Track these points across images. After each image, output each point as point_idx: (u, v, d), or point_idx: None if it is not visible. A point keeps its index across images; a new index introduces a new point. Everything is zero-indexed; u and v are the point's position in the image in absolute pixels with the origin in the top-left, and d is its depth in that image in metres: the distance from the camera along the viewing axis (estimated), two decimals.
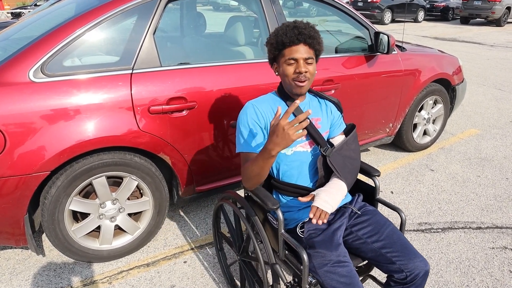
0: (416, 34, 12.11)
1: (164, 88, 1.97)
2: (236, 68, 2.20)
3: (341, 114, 1.64)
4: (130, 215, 2.17)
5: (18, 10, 12.30)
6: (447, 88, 3.55)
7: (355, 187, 1.76)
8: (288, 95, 1.52)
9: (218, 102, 2.13)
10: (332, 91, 2.58)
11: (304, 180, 1.52)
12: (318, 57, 1.48)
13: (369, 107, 2.88)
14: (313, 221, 1.30)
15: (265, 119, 1.49)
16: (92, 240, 2.07)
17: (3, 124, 1.63)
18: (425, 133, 3.60)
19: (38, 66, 1.73)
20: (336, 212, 1.53)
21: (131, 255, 2.19)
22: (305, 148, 1.51)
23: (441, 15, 16.93)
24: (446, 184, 3.01)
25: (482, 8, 14.38)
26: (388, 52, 2.71)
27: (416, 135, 3.46)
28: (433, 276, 2.04)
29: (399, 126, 3.28)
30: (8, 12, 12.32)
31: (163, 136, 2.00)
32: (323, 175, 1.50)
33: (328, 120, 1.59)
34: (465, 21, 15.58)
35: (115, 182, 2.04)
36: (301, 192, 1.51)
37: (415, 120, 3.39)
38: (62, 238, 1.93)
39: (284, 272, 1.99)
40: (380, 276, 2.03)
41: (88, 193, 2.00)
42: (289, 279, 1.99)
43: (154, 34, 1.99)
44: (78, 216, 2.05)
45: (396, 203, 2.73)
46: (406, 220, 2.51)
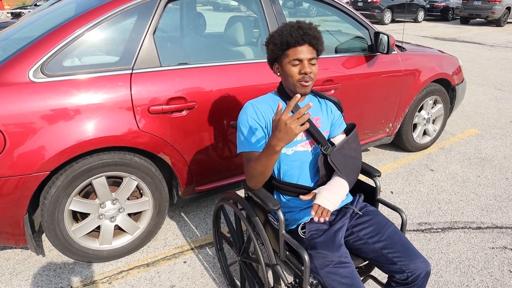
0: (416, 34, 12.11)
1: (164, 88, 1.97)
2: (236, 68, 2.20)
3: (341, 113, 1.64)
4: (130, 215, 2.17)
5: (18, 10, 12.30)
6: (447, 88, 3.55)
7: (355, 187, 1.76)
8: (288, 94, 1.51)
9: (218, 102, 2.13)
10: (332, 91, 2.58)
11: (305, 179, 1.52)
12: (318, 57, 1.49)
13: (369, 107, 2.88)
14: (314, 218, 1.30)
15: (265, 118, 1.48)
16: (92, 240, 2.07)
17: (3, 124, 1.63)
18: (425, 133, 3.60)
19: (38, 66, 1.73)
20: (337, 212, 1.53)
21: (131, 255, 2.19)
22: (305, 147, 1.51)
23: (441, 15, 16.94)
24: (446, 184, 3.01)
25: (482, 8, 14.38)
26: (388, 52, 2.71)
27: (416, 135, 3.46)
28: (433, 276, 2.04)
29: (399, 126, 3.28)
30: (8, 12, 12.32)
31: (163, 136, 2.00)
32: (324, 174, 1.50)
33: (328, 119, 1.58)
34: (465, 21, 15.58)
35: (115, 182, 2.04)
36: (302, 191, 1.51)
37: (415, 120, 3.39)
38: (62, 238, 1.93)
39: (285, 272, 1.99)
40: (380, 276, 2.03)
41: (88, 193, 2.00)
42: (290, 280, 1.99)
43: (154, 34, 1.99)
44: (78, 216, 2.05)
45: (396, 203, 2.73)
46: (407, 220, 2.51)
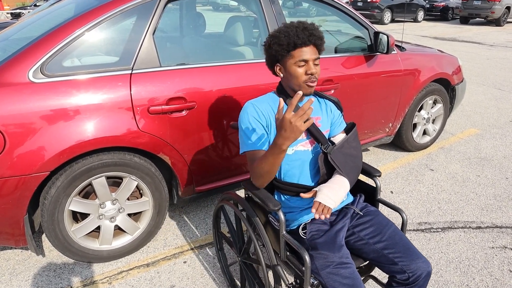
0: (415, 34, 12.11)
1: (163, 88, 1.97)
2: (236, 68, 2.20)
3: (341, 113, 1.64)
4: (130, 215, 2.17)
5: (18, 11, 12.29)
6: (447, 88, 3.55)
7: (356, 187, 1.76)
8: (288, 94, 1.52)
9: (217, 102, 2.13)
10: (332, 91, 2.58)
11: (306, 179, 1.52)
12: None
13: (368, 107, 2.88)
14: (316, 216, 1.30)
15: (266, 117, 1.48)
16: (92, 240, 2.07)
17: (2, 124, 1.63)
18: (424, 132, 3.60)
19: (38, 67, 1.73)
20: (338, 213, 1.53)
21: (131, 255, 2.19)
22: (306, 147, 1.51)
23: (440, 15, 16.95)
24: (445, 183, 3.01)
25: (482, 8, 14.39)
26: (387, 52, 2.71)
27: (416, 134, 3.47)
28: (433, 275, 2.04)
29: (398, 126, 3.28)
30: (7, 13, 12.31)
31: (163, 136, 2.00)
32: (325, 172, 1.49)
33: (328, 118, 1.58)
34: (464, 21, 15.58)
35: (115, 183, 2.04)
36: (303, 191, 1.50)
37: (415, 120, 3.39)
38: (62, 239, 1.93)
39: (285, 273, 1.99)
40: (380, 275, 2.03)
41: (88, 193, 2.00)
42: (290, 280, 1.99)
43: (154, 34, 1.99)
44: (78, 217, 2.05)
45: (396, 203, 2.73)
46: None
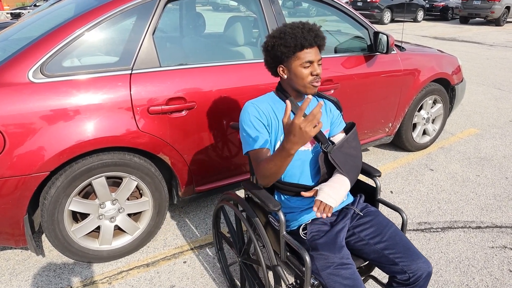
0: (415, 34, 12.11)
1: (163, 88, 1.97)
2: (236, 68, 2.20)
3: (340, 112, 1.64)
4: (129, 215, 2.17)
5: (18, 11, 12.29)
6: (447, 88, 3.55)
7: (355, 187, 1.76)
8: (289, 95, 1.52)
9: (217, 102, 2.13)
10: (332, 91, 2.58)
11: (306, 179, 1.52)
12: None
13: (368, 107, 2.88)
14: (317, 215, 1.30)
15: (267, 117, 1.48)
16: (92, 240, 2.07)
17: (2, 124, 1.63)
18: (424, 132, 3.60)
19: (38, 67, 1.73)
20: (338, 213, 1.53)
21: (130, 255, 2.19)
22: (306, 146, 1.51)
23: (440, 14, 16.95)
24: (445, 183, 3.01)
25: (482, 7, 14.39)
26: (387, 52, 2.71)
27: (416, 134, 3.47)
28: (432, 275, 2.04)
29: (398, 126, 3.28)
30: (7, 13, 12.31)
31: (163, 137, 2.00)
32: (325, 172, 1.50)
33: (327, 118, 1.59)
34: (464, 20, 15.59)
35: (115, 183, 2.04)
36: (303, 191, 1.50)
37: (415, 120, 3.39)
38: (62, 239, 1.93)
39: (285, 273, 1.99)
40: (380, 275, 2.03)
41: (88, 193, 2.00)
42: (291, 280, 1.99)
43: (154, 34, 2.00)
44: (77, 217, 2.05)
45: (396, 203, 2.73)
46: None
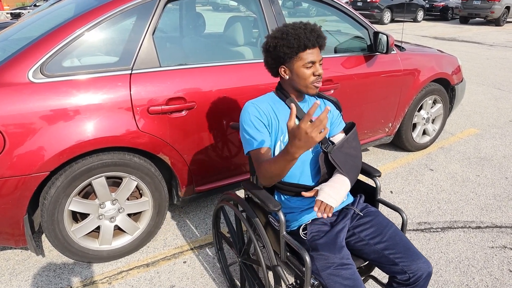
0: (415, 34, 12.11)
1: (163, 88, 1.97)
2: (235, 68, 2.20)
3: (340, 113, 1.65)
4: (129, 215, 2.17)
5: (18, 11, 12.29)
6: (447, 88, 3.55)
7: (355, 187, 1.76)
8: (289, 95, 1.52)
9: (217, 102, 2.13)
10: (332, 91, 2.58)
11: (307, 179, 1.52)
12: None
13: (368, 107, 2.88)
14: (318, 215, 1.30)
15: (267, 117, 1.48)
16: (92, 240, 2.07)
17: (2, 124, 1.63)
18: (424, 132, 3.60)
19: (38, 67, 1.73)
20: (338, 213, 1.54)
21: (130, 255, 2.19)
22: None
23: (440, 14, 16.95)
24: (445, 183, 3.01)
25: (482, 7, 14.39)
26: (387, 52, 2.71)
27: (416, 134, 3.47)
28: (432, 275, 2.04)
29: (398, 126, 3.28)
30: (7, 13, 12.30)
31: (163, 137, 2.00)
32: (325, 172, 1.50)
33: (327, 119, 1.58)
34: (464, 20, 15.59)
35: (115, 183, 2.04)
36: (304, 191, 1.50)
37: (415, 120, 3.39)
38: (62, 239, 1.93)
39: (285, 273, 1.99)
40: (380, 275, 2.03)
41: (88, 193, 2.00)
42: (291, 281, 1.99)
43: (153, 34, 2.00)
44: (77, 217, 2.05)
45: (396, 203, 2.73)
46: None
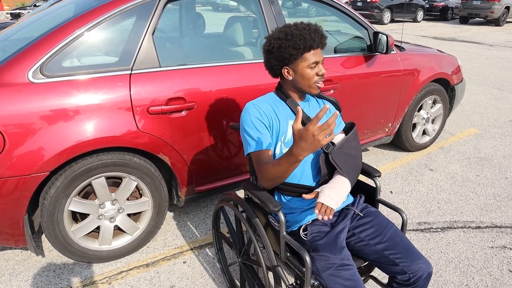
0: (415, 34, 12.12)
1: (163, 88, 1.97)
2: (235, 69, 2.20)
3: (339, 113, 1.64)
4: (129, 215, 2.17)
5: (18, 11, 12.30)
6: (446, 88, 3.55)
7: (355, 187, 1.76)
8: (289, 95, 1.52)
9: (217, 103, 2.13)
10: (331, 91, 2.58)
11: (307, 179, 1.52)
12: None
13: (368, 107, 2.89)
14: (318, 217, 1.30)
15: (268, 117, 1.48)
16: (92, 240, 2.07)
17: (2, 124, 1.63)
18: (424, 132, 3.60)
19: (37, 67, 1.73)
20: (338, 214, 1.54)
21: (130, 255, 2.19)
22: None
23: (440, 15, 16.95)
24: (445, 183, 3.01)
25: (481, 7, 14.40)
26: (387, 52, 2.71)
27: (415, 134, 3.47)
28: (432, 275, 2.04)
29: (398, 126, 3.28)
30: (7, 13, 12.30)
31: (162, 137, 2.00)
32: (326, 173, 1.50)
33: (327, 119, 1.58)
34: (464, 20, 15.59)
35: (115, 183, 2.04)
36: (304, 192, 1.50)
37: (414, 120, 3.40)
38: (62, 239, 1.93)
39: (285, 274, 1.99)
40: (380, 275, 2.03)
41: (88, 193, 2.00)
42: (291, 281, 1.99)
43: (153, 34, 2.00)
44: (77, 217, 2.05)
45: (396, 203, 2.73)
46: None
